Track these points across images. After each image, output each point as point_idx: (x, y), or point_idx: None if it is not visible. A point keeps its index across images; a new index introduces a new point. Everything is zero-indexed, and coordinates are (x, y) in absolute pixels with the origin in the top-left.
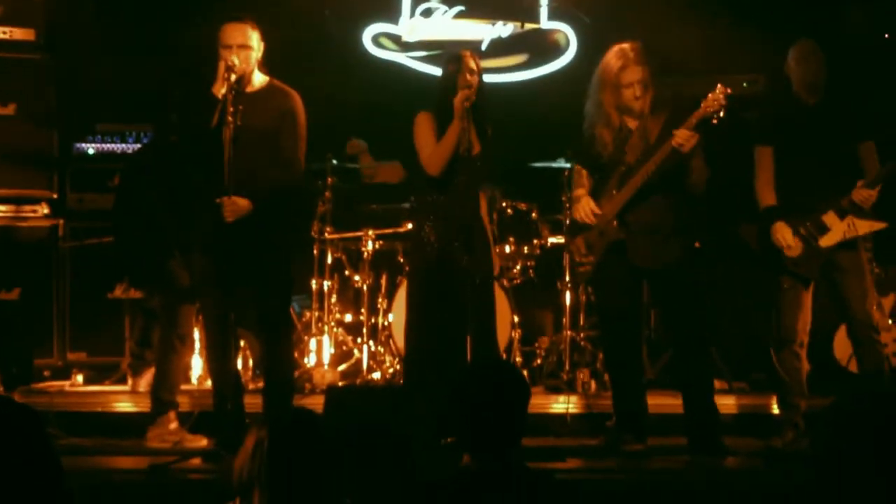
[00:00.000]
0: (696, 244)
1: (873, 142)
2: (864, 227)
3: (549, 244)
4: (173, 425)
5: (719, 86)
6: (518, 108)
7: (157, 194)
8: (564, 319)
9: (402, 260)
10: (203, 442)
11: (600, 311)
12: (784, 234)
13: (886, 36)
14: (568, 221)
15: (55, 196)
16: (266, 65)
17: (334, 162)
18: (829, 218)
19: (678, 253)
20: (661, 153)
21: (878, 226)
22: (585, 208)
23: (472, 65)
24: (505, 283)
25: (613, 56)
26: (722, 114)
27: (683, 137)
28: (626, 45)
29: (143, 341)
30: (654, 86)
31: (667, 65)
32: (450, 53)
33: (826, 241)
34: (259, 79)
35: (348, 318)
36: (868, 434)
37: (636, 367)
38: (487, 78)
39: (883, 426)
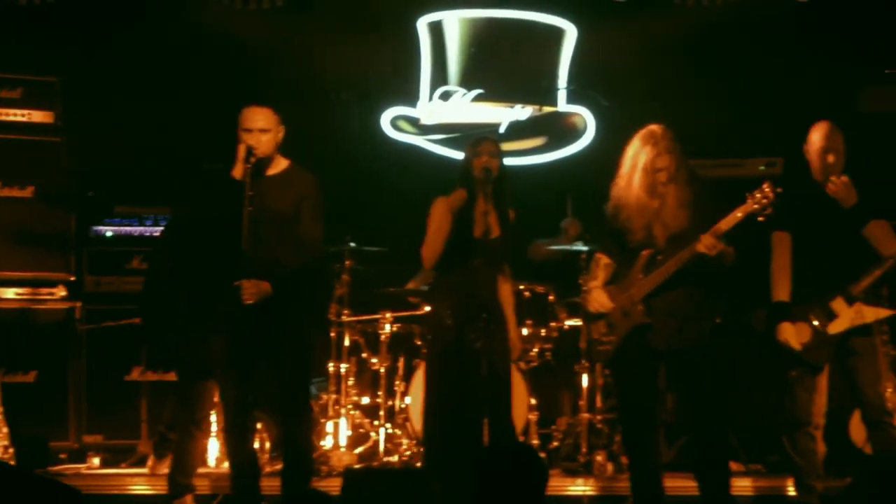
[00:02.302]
0: (717, 320)
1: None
2: (871, 314)
3: (566, 326)
4: None
5: (768, 183)
6: (535, 190)
7: (173, 275)
8: (581, 402)
9: (419, 342)
10: None
11: (619, 394)
12: (788, 336)
13: None
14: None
15: (73, 278)
16: (284, 147)
17: (352, 244)
18: (838, 304)
19: (698, 335)
20: (692, 249)
21: (885, 313)
22: (598, 300)
23: (493, 149)
24: (522, 365)
25: (644, 140)
26: (769, 211)
27: (707, 246)
28: (656, 130)
29: (171, 425)
30: (684, 170)
31: (685, 147)
32: (473, 137)
33: (834, 328)
34: (279, 162)
35: (365, 400)
36: None
37: (653, 449)
38: (506, 161)
39: None
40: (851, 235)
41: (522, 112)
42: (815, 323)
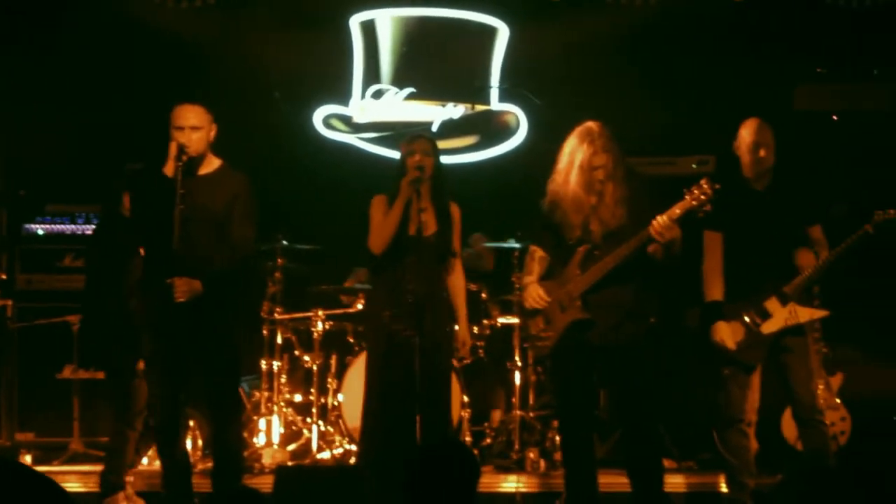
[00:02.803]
0: (652, 319)
1: (820, 224)
2: (806, 314)
3: (498, 324)
4: None
5: (706, 179)
6: (468, 188)
7: (105, 274)
8: (514, 399)
9: (351, 340)
10: None
11: (557, 390)
12: (724, 336)
13: (834, 118)
14: (518, 303)
15: (4, 277)
16: (217, 146)
17: (284, 243)
18: (772, 304)
19: (634, 332)
20: (637, 239)
21: (819, 314)
22: (534, 295)
23: (426, 147)
24: (455, 362)
25: (581, 137)
26: (708, 207)
27: (663, 227)
28: (593, 127)
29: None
30: (621, 168)
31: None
32: (407, 136)
33: (768, 328)
34: (211, 162)
35: (298, 398)
36: None
37: (590, 446)
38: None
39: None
40: (781, 233)
41: (455, 111)
42: (748, 321)
